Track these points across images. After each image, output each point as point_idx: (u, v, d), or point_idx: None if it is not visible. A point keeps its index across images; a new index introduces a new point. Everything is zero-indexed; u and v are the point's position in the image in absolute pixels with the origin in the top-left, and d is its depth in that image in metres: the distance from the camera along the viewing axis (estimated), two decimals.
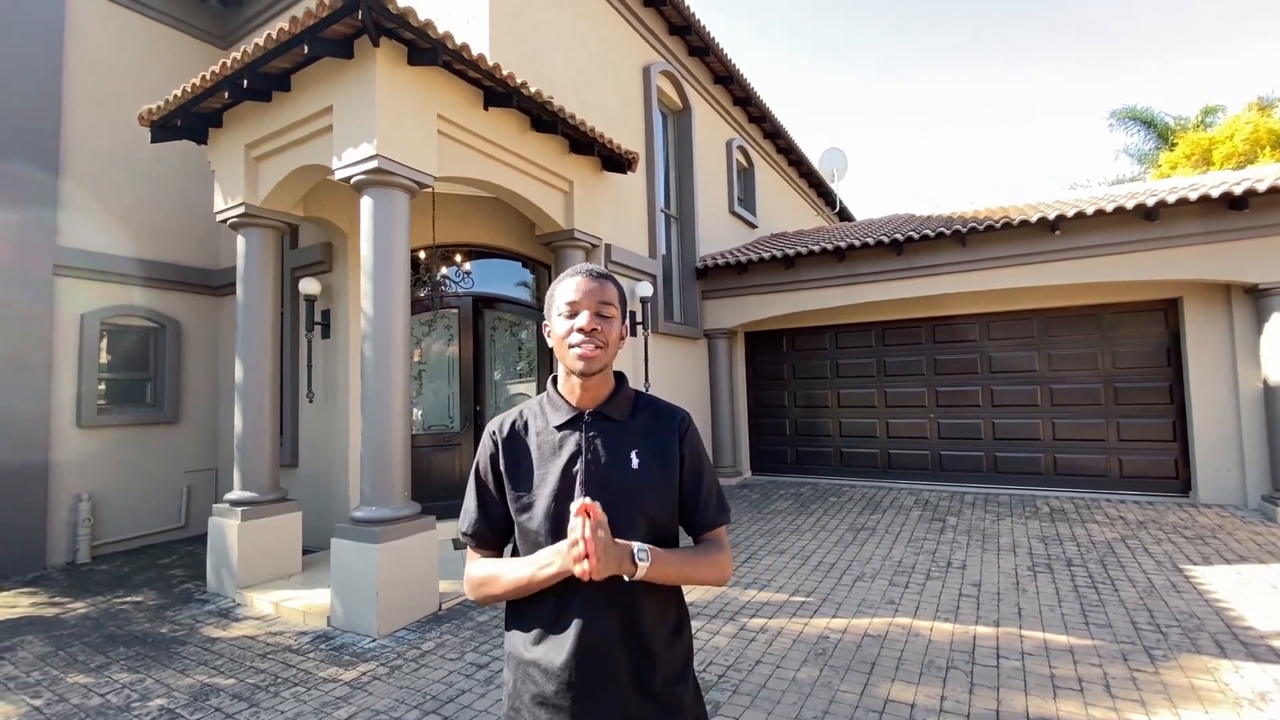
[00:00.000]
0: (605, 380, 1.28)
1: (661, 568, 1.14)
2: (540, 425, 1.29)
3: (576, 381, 1.25)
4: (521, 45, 5.65)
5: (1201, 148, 13.44)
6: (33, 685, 3.32)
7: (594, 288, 1.24)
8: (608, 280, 1.27)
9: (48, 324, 5.79)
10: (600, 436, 1.25)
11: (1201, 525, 5.60)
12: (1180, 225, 6.09)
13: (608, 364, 1.26)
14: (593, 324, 1.21)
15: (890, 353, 8.24)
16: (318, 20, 3.75)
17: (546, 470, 1.24)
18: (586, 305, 1.22)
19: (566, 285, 1.26)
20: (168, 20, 6.94)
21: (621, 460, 1.24)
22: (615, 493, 1.19)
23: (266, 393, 4.97)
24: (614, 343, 1.25)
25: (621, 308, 1.29)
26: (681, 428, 1.31)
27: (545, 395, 1.33)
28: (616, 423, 1.27)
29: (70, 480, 5.87)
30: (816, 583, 4.52)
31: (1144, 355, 6.87)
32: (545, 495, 1.22)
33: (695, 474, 1.29)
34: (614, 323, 1.25)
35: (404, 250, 4.23)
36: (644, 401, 1.34)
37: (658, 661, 1.20)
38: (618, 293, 1.28)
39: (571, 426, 1.26)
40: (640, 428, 1.28)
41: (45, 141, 5.85)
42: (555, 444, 1.26)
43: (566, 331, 1.23)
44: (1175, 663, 3.14)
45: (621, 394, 1.31)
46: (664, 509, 1.25)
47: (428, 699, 3.05)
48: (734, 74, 9.26)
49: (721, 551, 1.28)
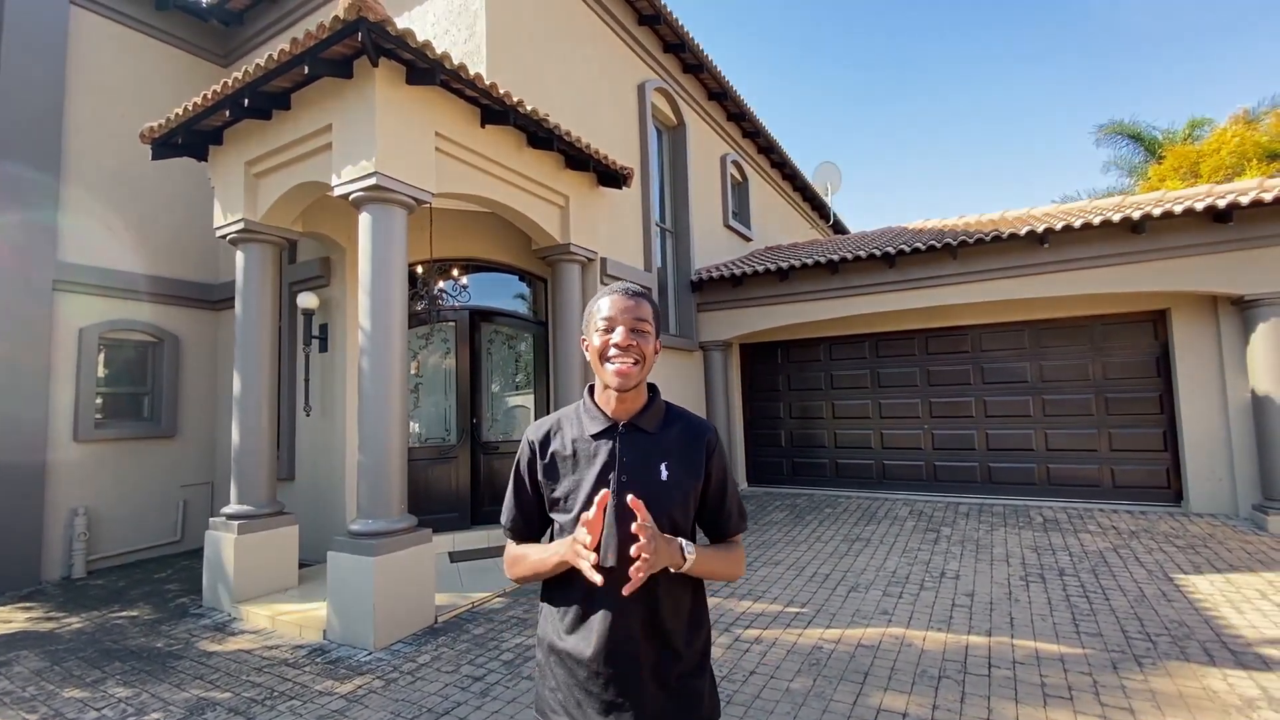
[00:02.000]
0: (640, 393, 1.34)
1: (703, 562, 1.25)
2: (576, 433, 1.35)
3: (613, 394, 1.31)
4: (518, 64, 5.75)
5: (1189, 161, 13.63)
6: (28, 700, 3.32)
7: (630, 305, 1.30)
8: (643, 298, 1.33)
9: (46, 337, 5.82)
10: (633, 447, 1.31)
11: (1193, 534, 5.64)
12: (1167, 238, 6.20)
13: (644, 378, 1.32)
14: (628, 340, 1.27)
15: (884, 364, 8.30)
16: (318, 41, 3.84)
17: (581, 476, 1.31)
18: (623, 321, 1.28)
19: (604, 302, 1.32)
20: (169, 39, 7.04)
21: (652, 470, 1.30)
22: (645, 500, 1.23)
23: (264, 406, 5.00)
24: (649, 357, 1.31)
25: (656, 324, 1.34)
26: (710, 445, 1.37)
27: (582, 404, 1.40)
28: (649, 434, 1.33)
29: (67, 494, 5.87)
30: (811, 593, 4.54)
31: (1135, 366, 6.95)
32: (580, 500, 1.29)
33: (720, 487, 1.38)
34: (649, 338, 1.31)
35: (402, 265, 4.28)
36: (675, 414, 1.40)
37: (679, 655, 1.28)
38: (652, 310, 1.34)
39: (606, 436, 1.32)
40: (671, 440, 1.34)
41: (47, 157, 5.92)
42: (590, 452, 1.32)
43: (603, 346, 1.29)
44: (1164, 671, 3.17)
45: (654, 406, 1.37)
46: (686, 516, 1.33)
47: (424, 712, 3.06)
48: (728, 90, 9.40)
49: (741, 551, 1.42)
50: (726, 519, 1.40)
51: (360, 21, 3.67)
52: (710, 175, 9.80)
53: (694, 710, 1.29)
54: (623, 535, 1.22)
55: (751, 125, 10.66)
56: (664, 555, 1.16)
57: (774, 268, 8.08)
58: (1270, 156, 12.77)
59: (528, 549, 1.36)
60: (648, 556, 1.11)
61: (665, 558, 1.16)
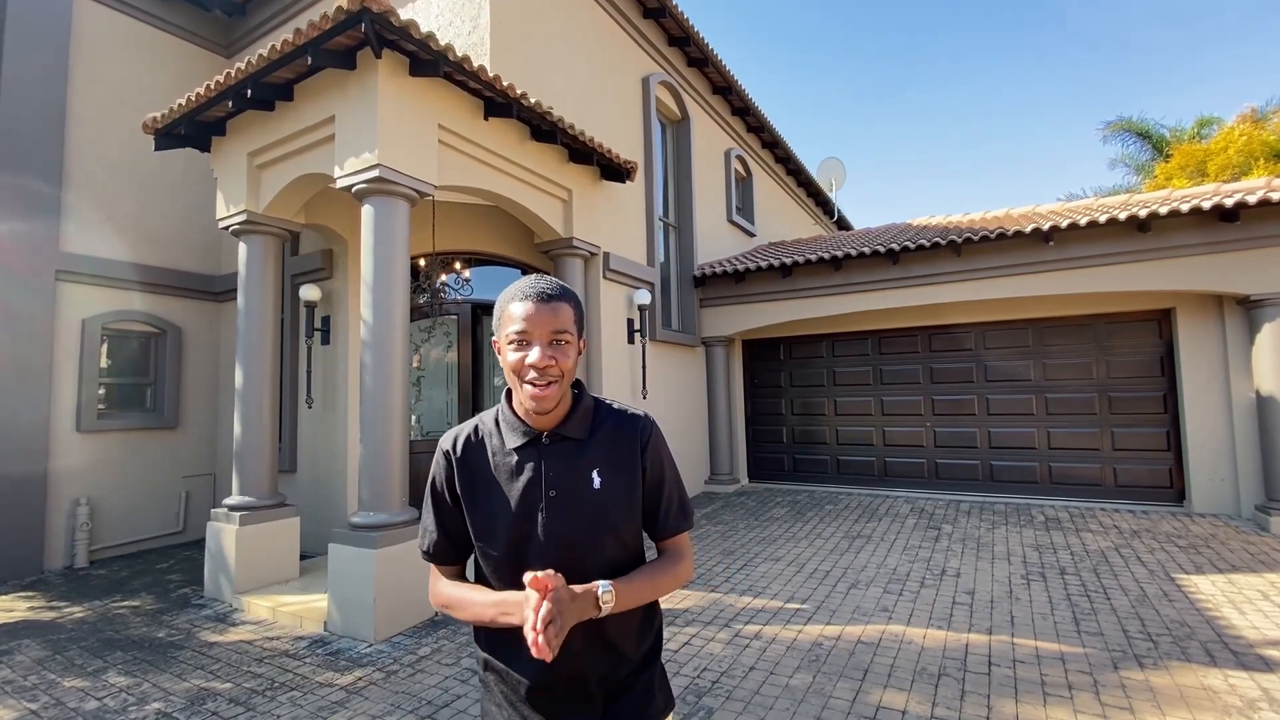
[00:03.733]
0: (563, 400, 1.21)
1: (626, 598, 1.12)
2: (496, 445, 1.22)
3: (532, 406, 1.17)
4: (522, 56, 5.72)
5: (1196, 159, 13.53)
6: (30, 689, 3.34)
7: (546, 315, 1.13)
8: (561, 301, 1.16)
9: (49, 329, 5.83)
10: (559, 458, 1.19)
11: (1195, 535, 5.63)
12: (1173, 236, 6.16)
13: (564, 395, 1.19)
14: (546, 359, 1.12)
15: (887, 361, 8.28)
16: (321, 32, 3.82)
17: (505, 495, 1.18)
18: (539, 337, 1.12)
19: (515, 309, 1.14)
20: (172, 29, 7.02)
21: (583, 481, 1.18)
22: (579, 515, 1.17)
23: (266, 398, 5.00)
24: (571, 371, 1.16)
25: (579, 323, 1.20)
26: (644, 437, 1.25)
27: (499, 410, 1.25)
28: (576, 442, 1.21)
29: (69, 484, 5.89)
30: (811, 590, 4.54)
31: (1138, 365, 6.92)
32: (505, 523, 1.17)
33: (656, 482, 1.26)
34: (570, 349, 1.15)
35: (404, 258, 4.27)
36: (605, 413, 1.27)
37: (627, 659, 1.22)
38: (573, 312, 1.17)
39: (529, 448, 1.20)
40: (601, 443, 1.22)
41: (49, 148, 5.91)
42: (512, 467, 1.19)
43: (518, 365, 1.14)
44: (1165, 671, 3.17)
45: (580, 409, 1.24)
46: (631, 524, 1.23)
47: (423, 704, 3.07)
48: (732, 85, 9.35)
49: (681, 561, 1.26)
50: (663, 518, 1.26)
51: (364, 12, 3.65)
52: (714, 170, 9.76)
53: (646, 707, 1.23)
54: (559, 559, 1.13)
55: (756, 120, 10.61)
56: (572, 617, 1.01)
57: (777, 264, 8.05)
58: (1278, 155, 12.68)
59: (465, 596, 1.19)
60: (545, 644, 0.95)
61: (575, 617, 1.02)
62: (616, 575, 1.17)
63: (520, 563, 1.15)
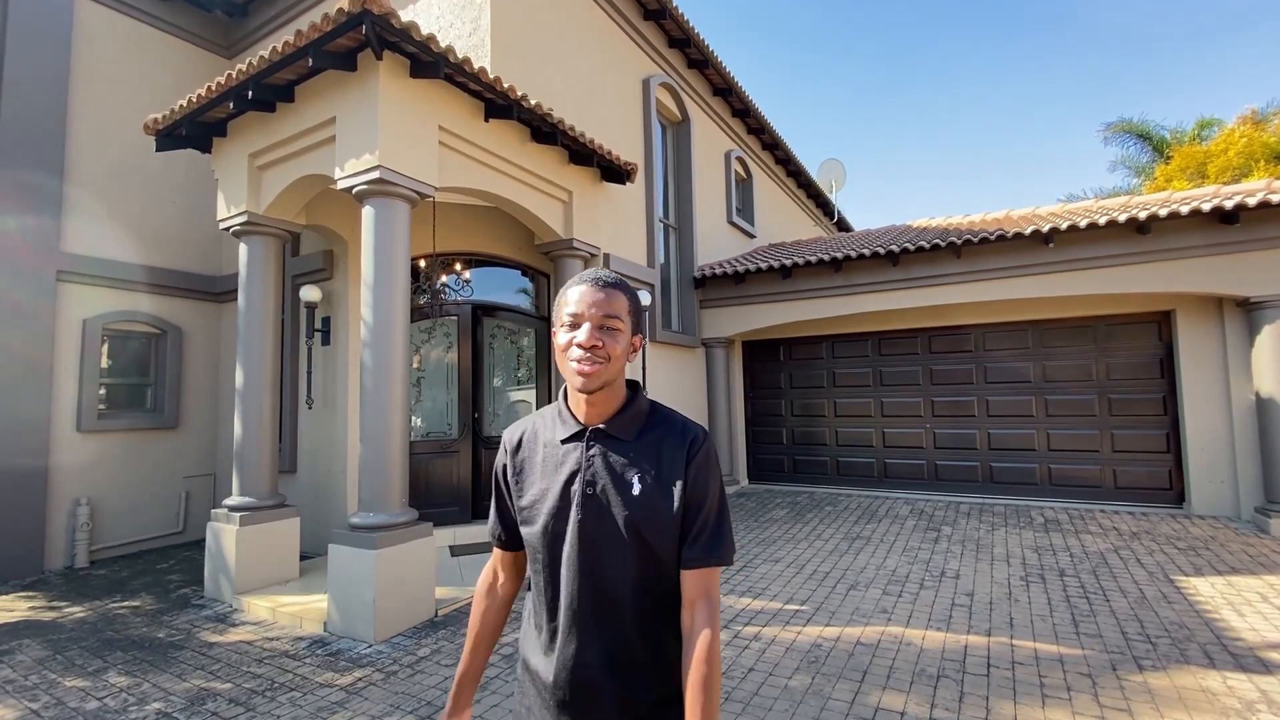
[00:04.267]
0: (613, 395, 1.19)
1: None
2: (548, 437, 1.24)
3: (581, 396, 1.17)
4: (522, 58, 5.73)
5: (1196, 161, 13.54)
6: (30, 688, 3.34)
7: (599, 298, 1.14)
8: (616, 289, 1.17)
9: (50, 329, 5.83)
10: (601, 456, 1.17)
11: (1194, 536, 5.63)
12: (1172, 239, 6.16)
13: (612, 379, 1.16)
14: (593, 339, 1.12)
15: (887, 363, 8.29)
16: (322, 34, 3.83)
17: (548, 485, 1.19)
18: (590, 317, 1.13)
19: (571, 293, 1.17)
20: (174, 30, 7.03)
21: (622, 484, 1.15)
22: (611, 518, 1.13)
23: (266, 399, 5.01)
24: (619, 357, 1.15)
25: (633, 318, 1.19)
26: (693, 449, 1.17)
27: (557, 405, 1.26)
28: (621, 442, 1.18)
29: (69, 484, 5.89)
30: (811, 591, 4.55)
31: (1138, 367, 6.93)
32: (544, 511, 1.18)
33: (697, 500, 1.15)
34: (620, 336, 1.15)
35: (404, 259, 4.28)
36: (659, 417, 1.22)
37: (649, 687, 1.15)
38: (628, 303, 1.18)
39: (575, 442, 1.20)
40: (647, 449, 1.17)
41: (51, 148, 5.92)
42: (559, 459, 1.20)
43: (566, 344, 1.15)
44: (1164, 672, 3.17)
45: (631, 409, 1.21)
46: (665, 542, 1.14)
47: (422, 705, 3.07)
48: (733, 86, 9.36)
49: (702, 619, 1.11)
50: (692, 542, 1.13)
51: (365, 14, 3.66)
52: (714, 171, 9.77)
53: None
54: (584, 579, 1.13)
55: (756, 121, 10.63)
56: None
57: (777, 265, 8.06)
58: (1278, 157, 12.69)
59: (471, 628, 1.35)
60: None
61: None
62: (643, 595, 1.14)
63: (553, 557, 1.17)
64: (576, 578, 1.14)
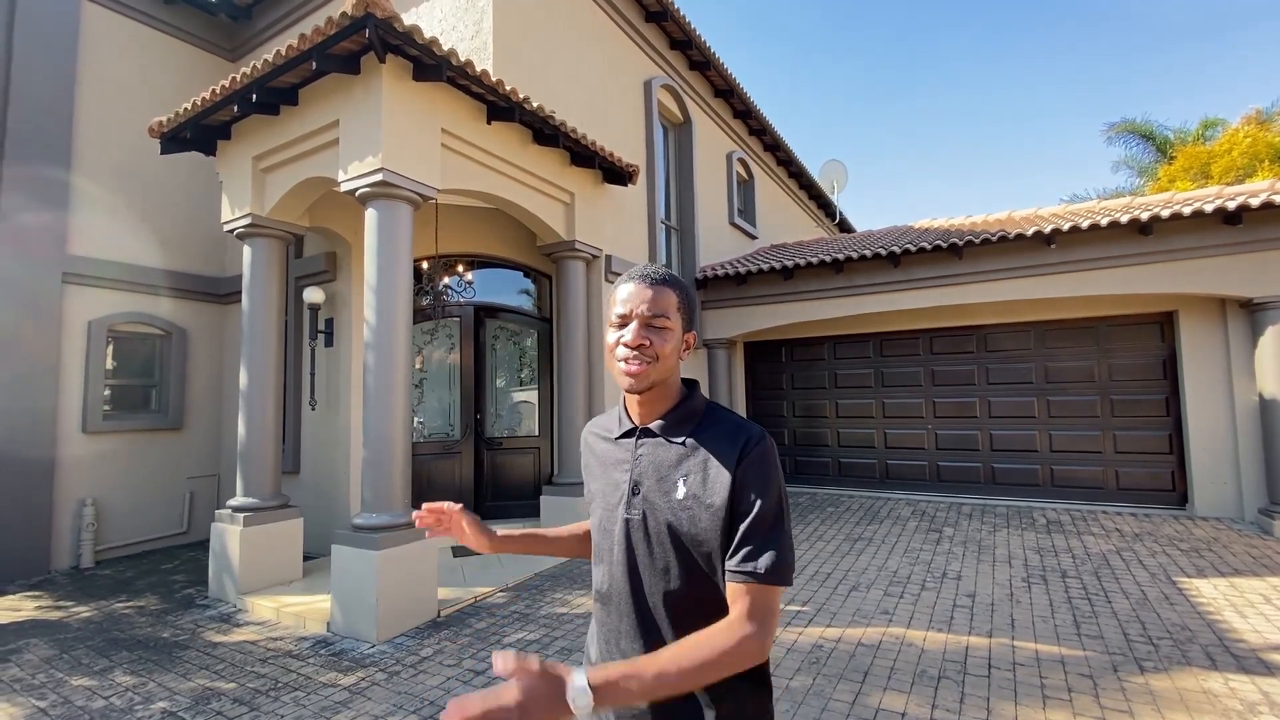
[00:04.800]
0: (665, 394, 1.16)
1: (619, 694, 0.88)
2: (608, 433, 1.27)
3: (633, 395, 1.16)
4: (524, 60, 5.76)
5: (1200, 161, 13.50)
6: (38, 687, 3.37)
7: (647, 295, 1.12)
8: (665, 285, 1.14)
9: (56, 330, 5.87)
10: (649, 456, 1.15)
11: (1197, 538, 5.62)
12: (1175, 239, 6.15)
13: (662, 379, 1.13)
14: (639, 338, 1.10)
15: (888, 364, 8.29)
16: (326, 37, 3.85)
17: (604, 481, 1.22)
18: (637, 316, 1.11)
19: (621, 290, 1.15)
20: (178, 34, 7.07)
21: (666, 486, 1.11)
22: (654, 521, 1.11)
23: (269, 400, 5.03)
24: (668, 356, 1.12)
25: (685, 315, 1.16)
26: (746, 449, 1.07)
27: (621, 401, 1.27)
28: (670, 443, 1.15)
29: (75, 485, 5.93)
30: (812, 592, 4.55)
31: (1140, 368, 6.91)
32: (599, 506, 1.22)
33: (744, 504, 1.04)
34: (669, 334, 1.12)
35: (407, 261, 4.30)
36: (715, 418, 1.16)
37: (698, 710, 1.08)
38: (678, 299, 1.14)
39: (627, 440, 1.21)
40: (697, 450, 1.11)
41: (57, 150, 5.96)
42: (614, 457, 1.22)
43: (614, 343, 1.13)
44: (1165, 674, 3.17)
45: (683, 410, 1.17)
46: (706, 549, 1.07)
47: (425, 704, 3.09)
48: (734, 88, 9.38)
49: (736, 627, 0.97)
50: (734, 552, 1.02)
51: (368, 18, 3.68)
52: (716, 172, 9.78)
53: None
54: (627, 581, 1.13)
55: (758, 122, 10.64)
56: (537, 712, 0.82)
57: (778, 266, 8.06)
58: None
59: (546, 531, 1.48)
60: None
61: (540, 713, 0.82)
62: (683, 609, 1.08)
63: (602, 550, 1.20)
64: (620, 577, 1.15)
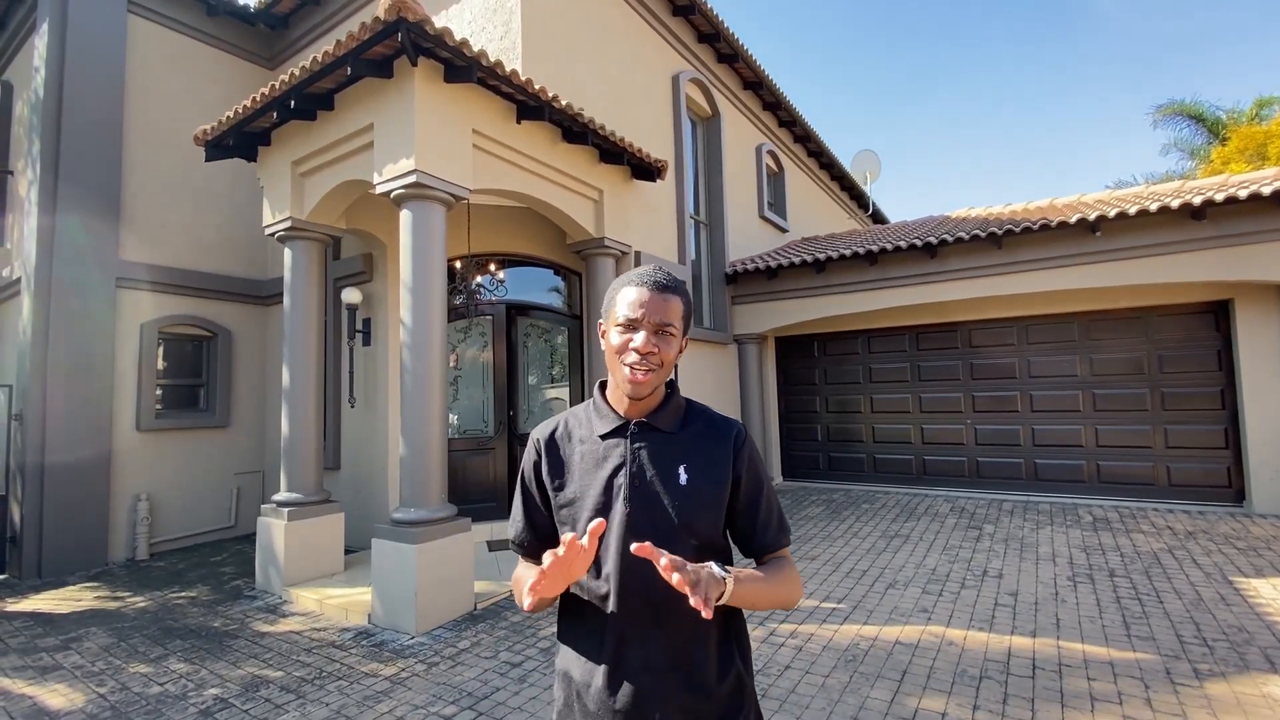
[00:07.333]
0: (656, 391, 1.20)
1: (747, 590, 1.04)
2: (585, 433, 1.23)
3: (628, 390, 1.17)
4: (552, 58, 5.78)
5: (1256, 142, 12.86)
6: (98, 674, 3.54)
7: (658, 304, 1.13)
8: (673, 294, 1.16)
9: (111, 333, 6.15)
10: (646, 448, 1.17)
11: (1255, 536, 5.37)
12: (1230, 224, 5.88)
13: (660, 383, 1.18)
14: (649, 346, 1.12)
15: (925, 357, 8.11)
16: (360, 42, 3.93)
17: (590, 482, 1.18)
18: (646, 324, 1.12)
19: (627, 295, 1.16)
20: (219, 44, 7.30)
21: (669, 475, 1.15)
22: (660, 509, 1.13)
23: (311, 398, 5.17)
24: (670, 362, 1.16)
25: (685, 322, 1.19)
26: (737, 442, 1.20)
27: (592, 402, 1.26)
28: (665, 434, 1.19)
29: (130, 481, 6.21)
30: (848, 590, 4.49)
31: (1193, 359, 6.63)
32: (587, 508, 1.16)
33: (754, 494, 1.20)
34: (673, 341, 1.15)
35: (441, 261, 4.37)
36: (696, 412, 1.25)
37: (707, 695, 1.12)
38: (682, 308, 1.18)
39: (617, 436, 1.19)
40: (690, 440, 1.19)
41: (109, 161, 6.22)
42: (600, 454, 1.19)
43: (621, 347, 1.14)
44: (1222, 678, 3.04)
45: (672, 404, 1.22)
46: (712, 527, 1.16)
47: (464, 695, 3.15)
48: (763, 80, 9.26)
49: (792, 571, 1.19)
50: (763, 531, 1.20)
51: (400, 22, 3.74)
52: (745, 166, 9.69)
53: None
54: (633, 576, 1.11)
55: (787, 114, 10.49)
56: (710, 585, 0.96)
57: (810, 259, 7.96)
58: None
59: (522, 574, 1.20)
60: (686, 585, 0.90)
61: (712, 587, 0.96)
62: None
63: (597, 555, 1.13)
64: (625, 575, 1.12)
